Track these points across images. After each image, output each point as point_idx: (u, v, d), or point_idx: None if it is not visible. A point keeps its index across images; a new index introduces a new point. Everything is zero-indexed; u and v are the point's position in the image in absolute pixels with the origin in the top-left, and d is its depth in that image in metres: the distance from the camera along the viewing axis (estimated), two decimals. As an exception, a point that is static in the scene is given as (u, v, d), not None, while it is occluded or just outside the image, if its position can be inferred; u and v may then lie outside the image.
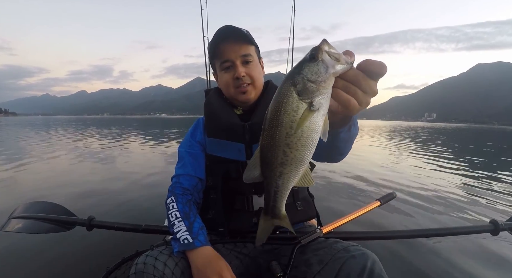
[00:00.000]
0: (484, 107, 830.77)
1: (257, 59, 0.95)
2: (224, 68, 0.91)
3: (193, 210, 0.87)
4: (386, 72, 0.42)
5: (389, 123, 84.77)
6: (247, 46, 0.90)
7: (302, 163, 0.44)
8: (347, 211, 1.04)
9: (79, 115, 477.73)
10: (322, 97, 0.40)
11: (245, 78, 0.90)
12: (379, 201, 1.31)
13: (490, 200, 3.28)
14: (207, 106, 1.01)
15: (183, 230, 0.78)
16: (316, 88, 0.40)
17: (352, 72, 0.42)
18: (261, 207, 0.90)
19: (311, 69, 0.40)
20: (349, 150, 0.71)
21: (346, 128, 0.57)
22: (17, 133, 14.34)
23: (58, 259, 1.77)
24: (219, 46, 0.89)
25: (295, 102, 0.40)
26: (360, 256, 0.69)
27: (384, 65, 0.41)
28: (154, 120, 53.77)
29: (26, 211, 1.09)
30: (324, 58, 0.39)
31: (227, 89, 0.95)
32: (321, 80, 0.39)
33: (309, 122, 0.41)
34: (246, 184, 0.90)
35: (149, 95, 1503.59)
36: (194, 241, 0.75)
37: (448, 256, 1.81)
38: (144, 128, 19.94)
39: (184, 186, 0.93)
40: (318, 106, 0.40)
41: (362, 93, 0.43)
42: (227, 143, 0.93)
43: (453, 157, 7.50)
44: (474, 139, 17.60)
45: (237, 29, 0.88)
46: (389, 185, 3.86)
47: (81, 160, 5.76)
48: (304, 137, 0.41)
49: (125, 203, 2.93)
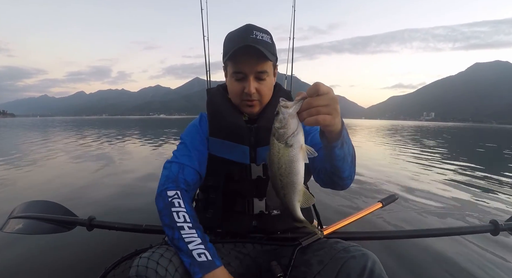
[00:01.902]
0: (482, 106, 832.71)
1: (272, 73, 0.91)
2: (236, 78, 0.87)
3: (194, 211, 0.80)
4: (322, 89, 0.54)
5: (387, 123, 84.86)
6: (265, 62, 0.86)
7: (295, 185, 0.59)
8: (348, 212, 1.04)
9: (77, 116, 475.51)
10: (293, 135, 0.56)
11: (254, 95, 0.87)
12: (381, 203, 1.30)
13: (490, 199, 3.29)
14: (212, 105, 0.98)
15: (197, 242, 0.69)
16: (284, 132, 0.56)
17: (304, 103, 0.56)
18: (262, 210, 0.90)
19: (277, 121, 0.57)
20: (348, 174, 0.72)
21: (338, 143, 0.64)
22: (16, 134, 14.28)
23: (57, 259, 1.77)
24: (236, 54, 0.83)
25: (276, 146, 0.57)
26: (360, 256, 0.69)
27: (316, 85, 0.54)
28: (153, 121, 53.64)
29: (25, 211, 1.08)
30: (281, 111, 0.56)
31: (234, 97, 0.92)
32: (285, 124, 0.56)
33: (288, 156, 0.57)
34: (248, 186, 0.91)
35: (147, 96, 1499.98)
36: (214, 260, 0.67)
37: (449, 256, 1.81)
38: (143, 129, 19.90)
39: (188, 180, 0.85)
40: (291, 143, 0.56)
41: (322, 108, 0.55)
42: (231, 144, 0.90)
43: (452, 156, 7.52)
44: (474, 137, 17.63)
45: (259, 45, 0.82)
46: (389, 185, 3.87)
47: (80, 160, 5.74)
48: (289, 167, 0.58)
49: (124, 203, 2.92)
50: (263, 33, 0.85)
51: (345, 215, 1.04)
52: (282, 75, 2.06)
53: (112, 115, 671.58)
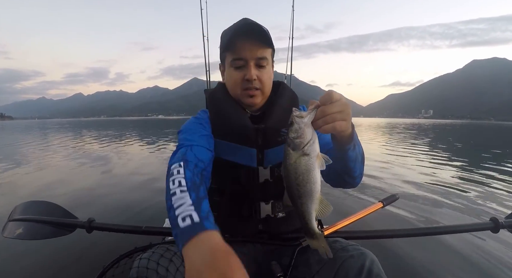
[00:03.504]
0: (480, 103, 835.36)
1: (271, 63, 0.88)
2: (235, 65, 0.84)
3: (204, 184, 0.64)
4: (335, 96, 0.56)
5: (385, 121, 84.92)
6: (265, 48, 0.83)
7: (312, 194, 0.59)
8: (349, 213, 1.04)
9: (75, 118, 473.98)
10: (309, 144, 0.56)
11: (255, 82, 0.84)
12: (381, 203, 1.28)
13: (490, 197, 3.29)
14: (214, 103, 0.92)
15: (188, 203, 0.52)
16: (301, 142, 0.56)
17: (319, 112, 0.57)
18: (268, 214, 0.88)
19: (291, 131, 0.57)
20: (359, 173, 0.73)
21: (351, 146, 0.65)
22: (15, 137, 14.22)
23: (56, 261, 1.76)
24: (236, 41, 0.81)
25: (292, 156, 0.57)
26: (359, 255, 0.69)
27: (330, 93, 0.56)
28: (152, 121, 53.55)
29: (25, 212, 1.06)
30: (295, 121, 0.57)
31: (233, 88, 0.88)
32: (301, 134, 0.56)
33: (305, 165, 0.57)
34: (255, 190, 0.87)
35: (145, 97, 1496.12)
36: (203, 222, 0.49)
37: (448, 255, 1.81)
38: (142, 129, 19.85)
39: (198, 155, 0.72)
40: (308, 152, 0.56)
41: (337, 114, 0.56)
42: (237, 146, 0.84)
43: (451, 154, 7.54)
44: (473, 135, 17.66)
45: (259, 28, 0.80)
46: (389, 184, 3.87)
47: (78, 162, 5.73)
48: (306, 176, 0.57)
49: (124, 204, 2.92)
50: (260, 25, 0.82)
51: (345, 215, 1.03)
52: (281, 75, 2.06)
53: (110, 117, 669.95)
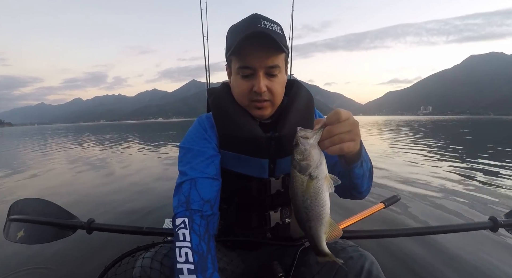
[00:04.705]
0: (479, 98, 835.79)
1: (284, 69, 0.77)
2: (243, 74, 0.73)
3: (211, 246, 0.63)
4: (343, 115, 0.52)
5: (384, 118, 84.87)
6: (277, 55, 0.72)
7: (321, 217, 0.56)
8: (350, 213, 1.03)
9: (75, 123, 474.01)
10: (316, 166, 0.53)
11: (264, 94, 0.73)
12: (383, 204, 1.27)
13: (490, 196, 3.28)
14: (219, 111, 0.81)
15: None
16: (307, 164, 0.53)
17: (325, 132, 0.53)
18: (278, 222, 0.85)
19: (297, 153, 0.53)
20: (367, 187, 0.72)
21: (358, 164, 0.63)
22: (15, 142, 14.22)
23: (55, 262, 1.75)
24: (243, 46, 0.69)
25: (299, 179, 0.54)
26: (358, 257, 0.68)
27: (337, 112, 0.52)
28: (151, 124, 53.51)
29: (23, 211, 1.06)
30: (300, 142, 0.53)
31: (240, 98, 0.78)
32: (307, 156, 0.52)
33: (313, 188, 0.54)
34: (265, 201, 0.83)
35: (144, 100, 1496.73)
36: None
37: (447, 254, 1.79)
38: (142, 132, 19.84)
39: (204, 195, 0.69)
40: (315, 174, 0.53)
41: (345, 134, 0.52)
42: (248, 158, 0.77)
43: (451, 152, 7.53)
44: (473, 132, 17.65)
45: (270, 33, 0.67)
46: (389, 184, 3.85)
47: (79, 165, 5.71)
48: (315, 200, 0.55)
49: (125, 205, 2.91)
50: (272, 23, 0.71)
51: (347, 216, 1.03)
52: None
53: (110, 121, 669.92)
